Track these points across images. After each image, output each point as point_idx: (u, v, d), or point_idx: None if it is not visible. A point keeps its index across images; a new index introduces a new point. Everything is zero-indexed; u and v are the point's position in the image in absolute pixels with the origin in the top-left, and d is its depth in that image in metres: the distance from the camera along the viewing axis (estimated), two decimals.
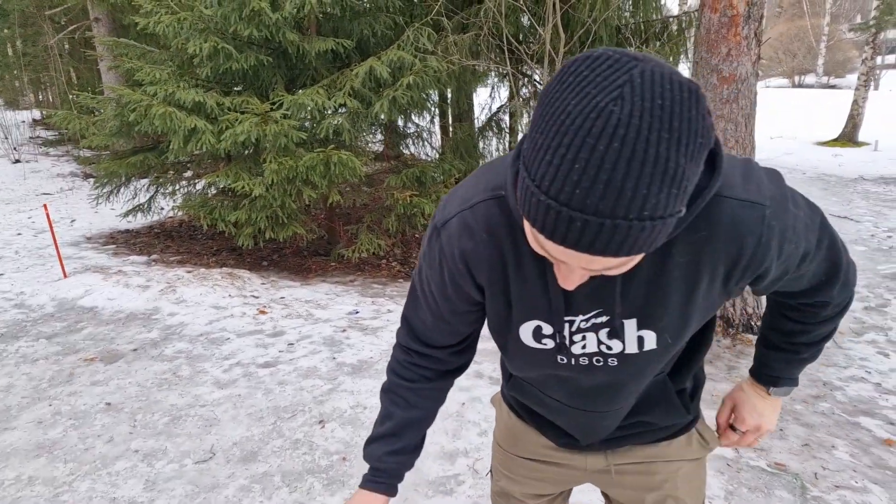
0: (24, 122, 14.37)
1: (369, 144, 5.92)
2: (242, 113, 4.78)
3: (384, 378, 0.97)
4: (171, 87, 4.91)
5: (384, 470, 0.95)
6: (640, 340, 0.78)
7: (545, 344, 0.82)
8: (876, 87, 25.52)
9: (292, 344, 3.47)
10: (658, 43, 6.18)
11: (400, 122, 6.03)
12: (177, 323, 3.82)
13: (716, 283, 0.74)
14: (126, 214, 5.98)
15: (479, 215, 0.76)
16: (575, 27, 5.27)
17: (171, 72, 5.19)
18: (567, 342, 0.80)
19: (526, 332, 0.82)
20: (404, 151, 6.18)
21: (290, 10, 4.68)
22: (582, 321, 0.78)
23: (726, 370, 3.12)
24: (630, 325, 0.77)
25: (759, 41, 3.29)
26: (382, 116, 4.79)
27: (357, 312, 3.98)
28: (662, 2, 6.44)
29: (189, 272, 4.72)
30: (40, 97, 18.93)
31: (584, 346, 0.80)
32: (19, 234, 6.34)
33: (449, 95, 7.14)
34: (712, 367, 3.13)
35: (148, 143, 5.96)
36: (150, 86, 5.04)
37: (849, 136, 12.53)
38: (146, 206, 6.00)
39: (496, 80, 6.95)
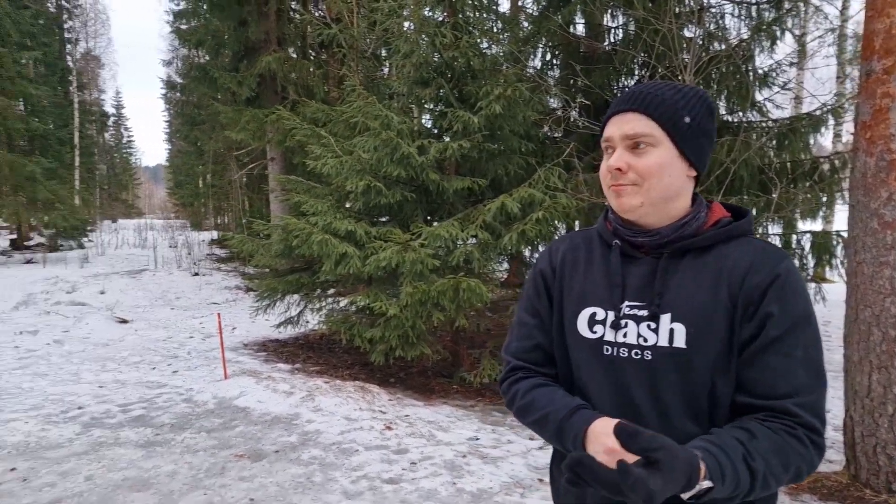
0: (203, 241, 16.94)
1: (496, 272, 6.26)
2: (386, 241, 5.38)
3: None
4: (330, 218, 5.70)
5: (581, 403, 1.03)
6: (671, 333, 0.96)
7: (595, 332, 1.03)
8: None
9: (415, 463, 3.60)
10: (808, 183, 5.87)
11: (527, 253, 6.34)
12: (313, 430, 4.14)
13: (729, 300, 0.96)
14: (278, 326, 6.74)
15: (563, 238, 1.19)
16: (713, 167, 5.33)
17: (330, 204, 6.04)
18: (614, 326, 1.01)
19: (583, 320, 1.05)
20: None
21: (434, 154, 5.37)
22: (627, 307, 1.01)
23: None
24: (665, 319, 0.97)
25: None
26: (511, 248, 5.12)
27: (478, 439, 4.04)
28: (812, 141, 6.18)
29: (326, 383, 5.14)
30: (218, 221, 22.19)
31: (625, 335, 1.00)
32: (191, 337, 7.34)
33: (577, 228, 7.41)
34: None
35: (302, 265, 6.80)
36: (313, 216, 5.89)
37: None
38: (296, 319, 6.72)
39: None
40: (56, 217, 16.99)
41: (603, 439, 0.87)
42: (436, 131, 6.44)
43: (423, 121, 7.04)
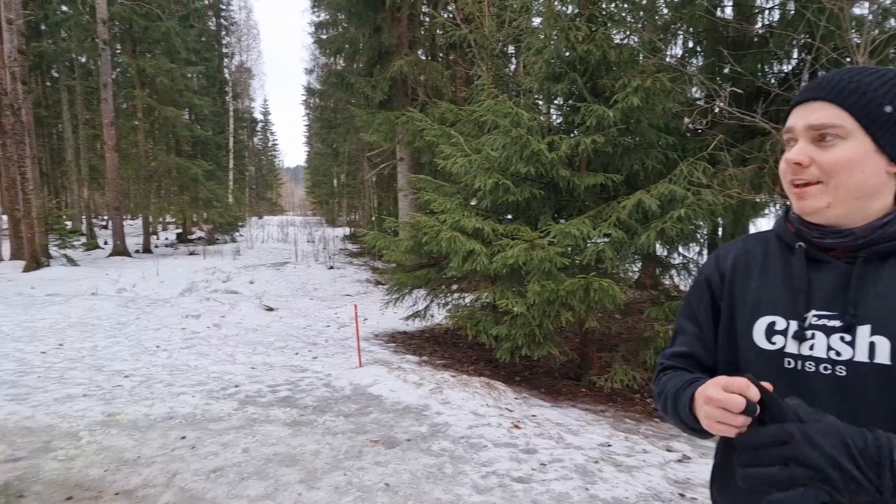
0: (337, 236, 18.09)
1: (629, 273, 5.99)
2: (513, 239, 5.35)
3: None
4: (458, 216, 5.79)
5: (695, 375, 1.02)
6: (872, 347, 0.83)
7: (774, 343, 0.92)
8: None
9: (544, 464, 3.54)
10: None
11: (664, 252, 6.00)
12: (442, 422, 4.23)
13: None
14: (406, 319, 7.00)
15: (733, 242, 1.09)
16: None
17: (458, 202, 6.13)
18: (797, 337, 0.89)
19: (759, 330, 0.95)
20: (666, 282, 6.08)
21: (565, 150, 5.25)
22: (814, 317, 0.89)
23: None
24: (863, 331, 0.84)
25: None
26: (648, 247, 4.86)
27: (609, 445, 3.89)
28: None
29: (453, 377, 5.24)
30: (350, 218, 23.59)
31: (811, 347, 0.88)
32: (328, 326, 7.86)
33: (722, 228, 6.87)
34: None
35: (430, 261, 7.00)
36: (441, 214, 6.02)
37: None
38: (423, 313, 6.94)
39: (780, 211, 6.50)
40: (214, 214, 19.09)
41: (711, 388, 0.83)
42: (565, 127, 6.30)
43: (552, 116, 6.93)
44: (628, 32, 6.79)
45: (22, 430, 4.02)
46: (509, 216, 6.35)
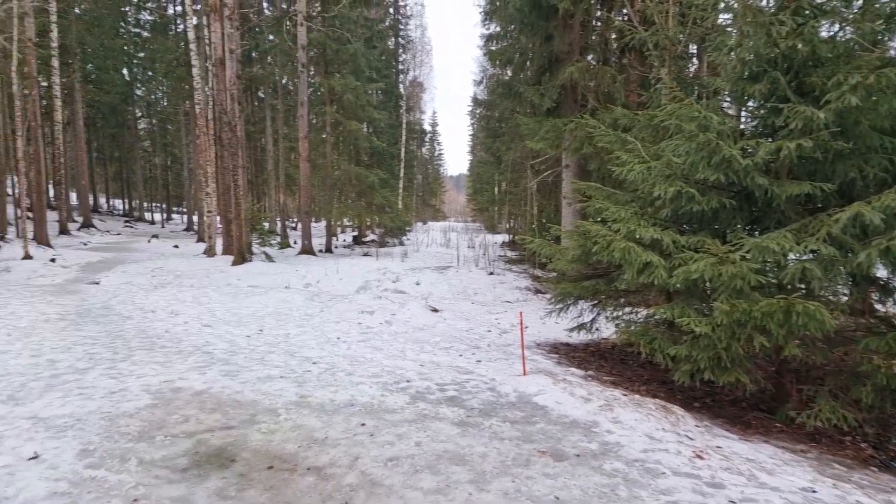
0: (496, 243, 18.34)
1: (839, 296, 5.18)
2: (697, 251, 4.93)
3: None
4: (633, 225, 5.50)
5: None
6: None
7: None
8: None
9: (734, 502, 3.18)
10: None
11: (887, 274, 5.11)
12: (613, 441, 4.02)
13: None
14: (571, 330, 6.82)
15: None
16: None
17: (633, 211, 5.82)
18: None
19: None
20: (886, 309, 5.15)
21: (763, 156, 4.71)
22: None
23: None
24: None
25: None
26: (868, 268, 4.16)
27: (814, 492, 3.38)
28: None
29: (624, 395, 4.97)
30: (509, 225, 23.79)
31: None
32: (489, 331, 7.96)
33: None
34: None
35: (599, 271, 6.74)
36: (614, 223, 5.77)
37: None
38: (588, 325, 6.71)
39: None
40: (386, 218, 20.49)
41: None
42: (762, 130, 5.67)
43: (742, 120, 6.29)
44: (842, 24, 5.92)
45: (233, 403, 4.64)
46: (692, 227, 5.88)
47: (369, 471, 3.47)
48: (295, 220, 37.37)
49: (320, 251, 20.54)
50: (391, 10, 29.40)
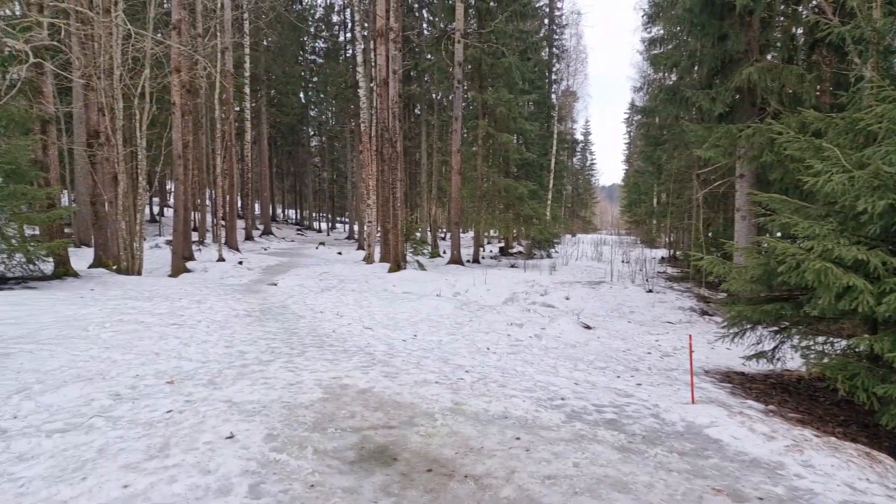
0: (654, 258, 17.26)
1: None
2: None
3: None
4: (830, 243, 4.80)
5: None
6: None
7: None
8: None
9: None
10: None
11: None
12: (805, 488, 3.51)
13: None
14: (748, 358, 6.13)
15: None
16: None
17: (831, 228, 5.09)
18: None
19: None
20: None
21: None
22: None
23: None
24: None
25: None
26: None
27: None
28: None
29: (816, 436, 4.33)
30: (669, 239, 22.31)
31: None
32: (649, 353, 7.46)
33: None
34: None
35: (785, 293, 5.98)
36: (806, 240, 5.09)
37: None
38: (769, 354, 5.97)
39: None
40: (534, 230, 20.35)
41: None
42: None
43: None
44: None
45: (393, 403, 4.84)
46: None
47: (526, 486, 3.39)
48: (444, 230, 38.74)
49: (468, 261, 20.98)
50: (546, 21, 29.32)
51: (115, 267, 14.28)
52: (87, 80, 14.17)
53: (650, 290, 12.32)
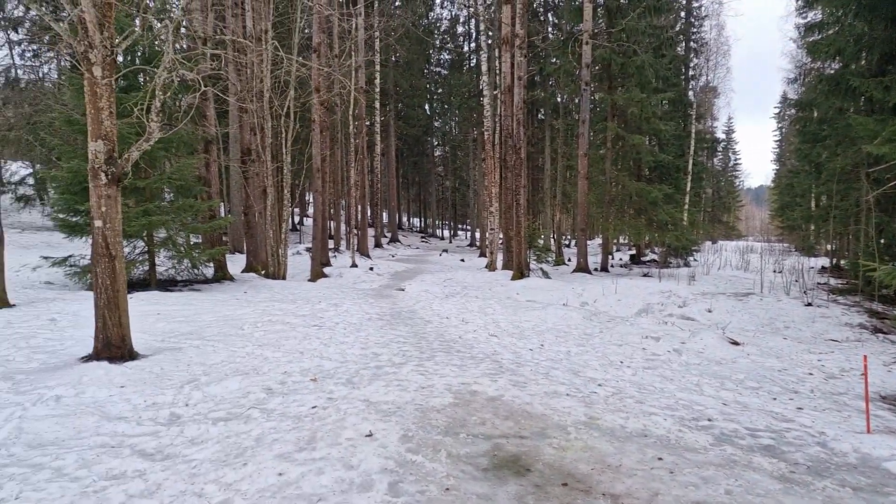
0: (812, 268, 15.40)
1: None
2: None
3: None
4: None
5: None
6: None
7: None
8: None
9: None
10: None
11: None
12: None
13: None
14: None
15: None
16: None
17: None
18: None
19: None
20: None
21: None
22: None
23: None
24: None
25: None
26: None
27: None
28: None
29: None
30: (832, 246, 19.85)
31: None
32: (810, 374, 6.63)
33: None
34: None
35: None
36: None
37: None
38: None
39: None
40: (669, 237, 19.14)
41: None
42: None
43: None
44: None
45: (524, 413, 4.75)
46: None
47: None
48: (568, 237, 37.81)
49: (595, 269, 20.24)
50: (682, 14, 27.58)
51: (263, 272, 15.74)
52: (241, 103, 15.82)
53: (809, 304, 10.97)
